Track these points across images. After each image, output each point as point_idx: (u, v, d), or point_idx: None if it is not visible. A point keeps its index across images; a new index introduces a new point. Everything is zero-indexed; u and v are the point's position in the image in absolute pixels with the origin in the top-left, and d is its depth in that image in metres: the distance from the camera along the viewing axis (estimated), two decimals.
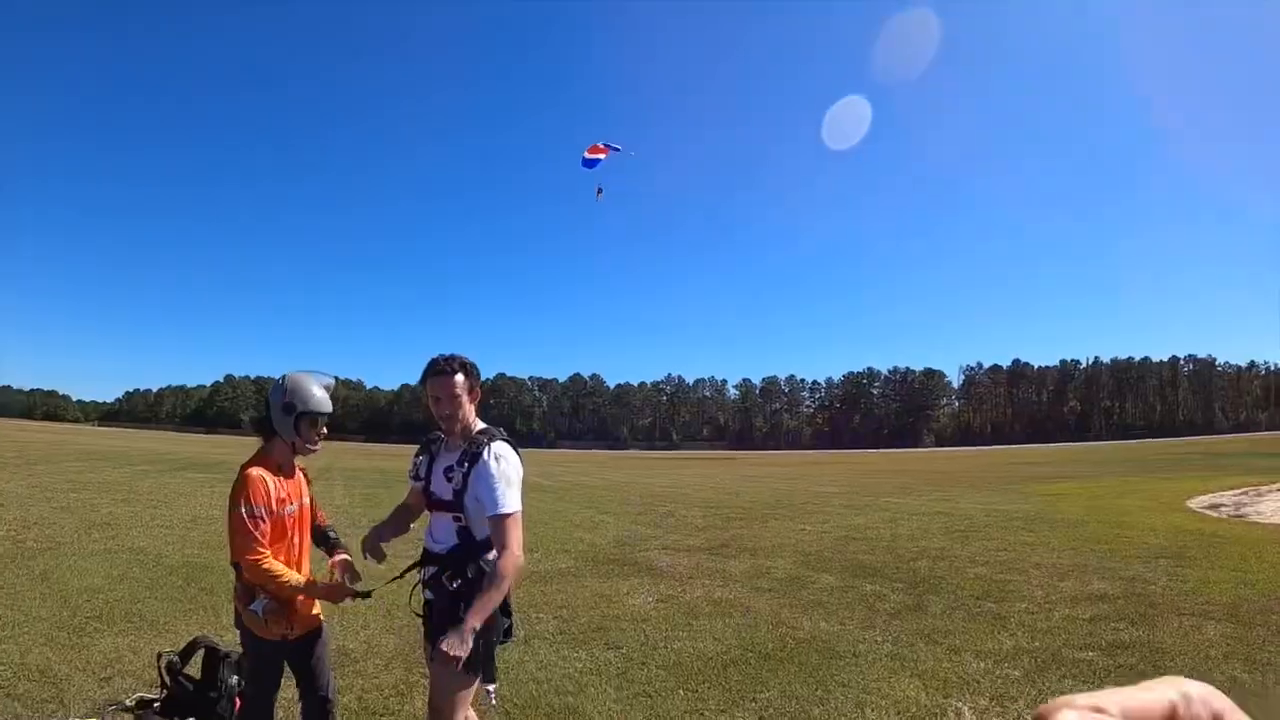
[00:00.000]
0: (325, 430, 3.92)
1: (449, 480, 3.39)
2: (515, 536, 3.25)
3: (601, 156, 23.16)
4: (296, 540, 3.85)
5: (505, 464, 3.37)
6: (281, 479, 3.75)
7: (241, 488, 3.59)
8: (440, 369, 3.43)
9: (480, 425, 3.53)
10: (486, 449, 3.37)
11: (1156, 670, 5.73)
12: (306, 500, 3.99)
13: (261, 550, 3.54)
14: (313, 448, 3.87)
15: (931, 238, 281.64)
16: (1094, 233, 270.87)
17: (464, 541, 3.40)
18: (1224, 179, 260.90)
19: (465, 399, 3.46)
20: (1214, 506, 16.49)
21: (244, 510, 3.52)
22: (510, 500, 3.29)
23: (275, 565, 3.57)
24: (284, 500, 3.71)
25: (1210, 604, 7.53)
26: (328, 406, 3.88)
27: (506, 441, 3.48)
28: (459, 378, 3.44)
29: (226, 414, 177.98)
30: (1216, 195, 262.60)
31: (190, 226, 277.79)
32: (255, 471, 3.65)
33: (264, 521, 3.57)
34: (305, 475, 4.08)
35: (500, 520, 3.26)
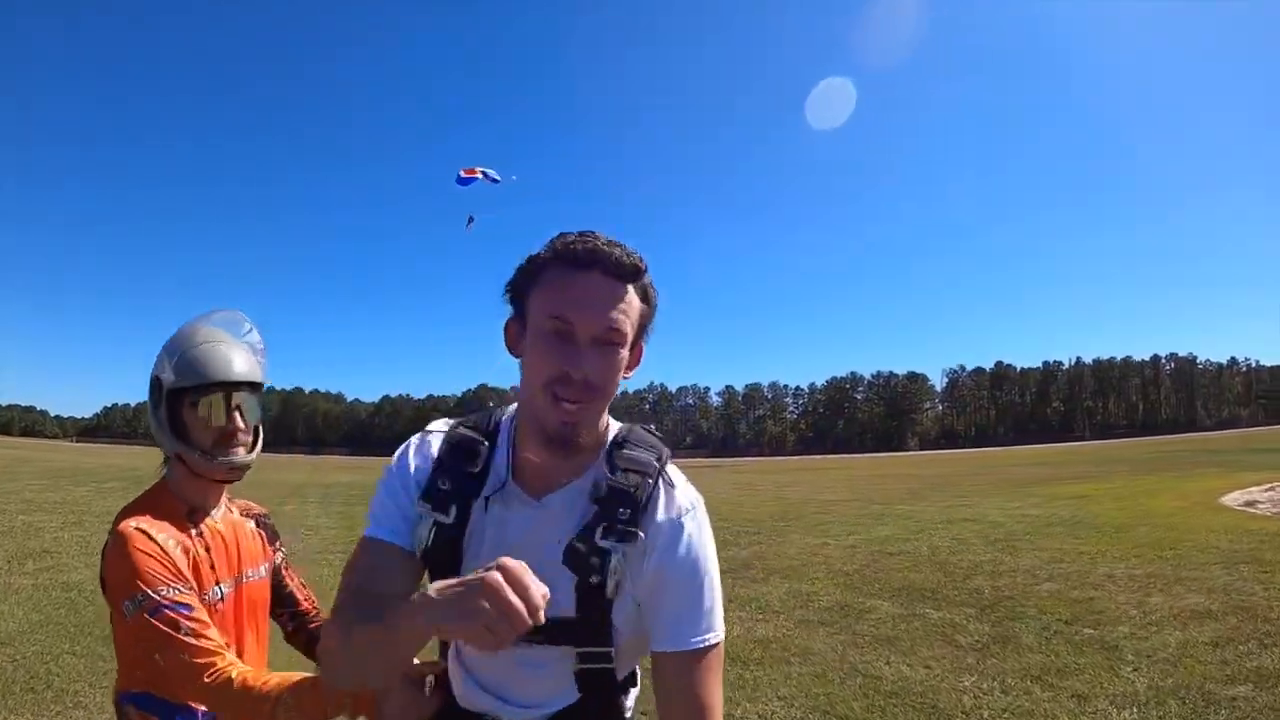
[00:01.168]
0: (246, 419, 2.08)
1: (565, 569, 1.51)
2: (717, 693, 1.53)
3: (477, 178, 22.13)
4: (233, 649, 1.99)
5: (707, 526, 1.61)
6: (194, 536, 2.01)
7: (119, 564, 1.84)
8: (606, 258, 1.43)
9: (614, 426, 1.65)
10: (661, 489, 1.58)
11: None
12: (262, 571, 2.20)
13: (215, 657, 1.83)
14: (227, 459, 2.02)
15: (912, 241, 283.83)
16: (1074, 234, 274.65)
17: (588, 697, 1.62)
18: (1202, 177, 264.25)
19: (626, 355, 1.51)
20: (1250, 504, 15.72)
21: (141, 606, 1.79)
22: (720, 611, 1.57)
23: (260, 676, 1.85)
24: (204, 576, 1.97)
25: None
26: (230, 370, 2.04)
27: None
28: (633, 295, 1.48)
29: None
30: (1195, 194, 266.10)
31: (168, 240, 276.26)
32: (134, 527, 1.89)
33: (188, 609, 1.84)
34: (263, 526, 2.31)
35: (706, 658, 1.51)
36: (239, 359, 2.08)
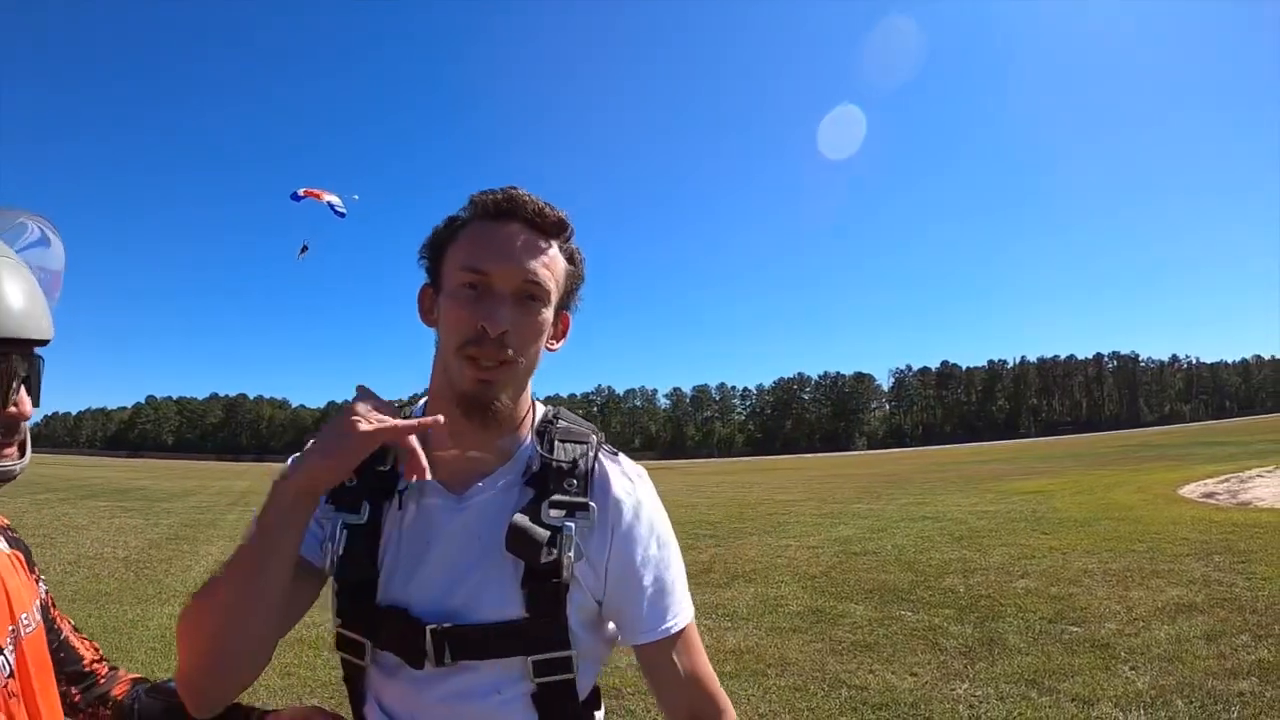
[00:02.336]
0: (27, 399, 1.24)
1: (504, 563, 1.31)
2: (709, 671, 1.41)
3: (316, 198, 21.45)
4: None
5: (656, 493, 1.45)
6: None
7: None
8: (526, 208, 1.30)
9: (540, 408, 1.47)
10: (605, 459, 1.41)
11: None
12: (37, 616, 1.37)
13: None
14: None
15: (859, 243, 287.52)
16: (1017, 236, 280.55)
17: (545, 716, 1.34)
18: (1142, 181, 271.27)
19: (549, 317, 1.34)
20: (1209, 495, 15.89)
21: None
22: (686, 581, 1.44)
23: None
24: None
25: None
26: (7, 320, 1.17)
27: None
28: (556, 252, 1.35)
29: (149, 436, 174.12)
30: (1136, 197, 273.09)
31: (104, 245, 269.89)
32: None
33: None
34: (15, 544, 1.43)
35: (690, 634, 1.39)
36: (18, 296, 1.20)
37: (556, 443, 1.38)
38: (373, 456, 1.27)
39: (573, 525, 1.28)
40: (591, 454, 1.39)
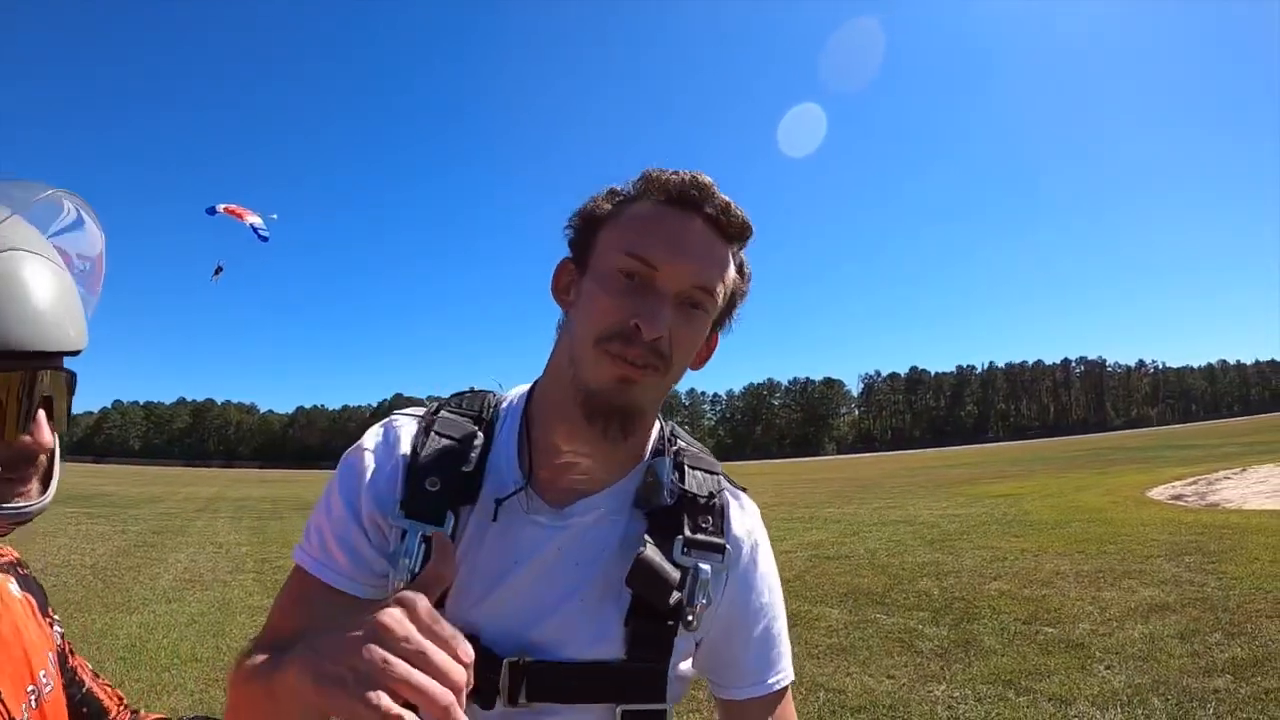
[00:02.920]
0: (55, 424, 1.01)
1: (609, 596, 1.13)
2: None
3: (237, 217, 20.68)
4: None
5: (769, 544, 1.30)
6: None
7: None
8: (716, 203, 1.10)
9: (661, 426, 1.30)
10: (734, 501, 1.25)
11: None
12: (53, 670, 1.18)
13: None
14: (14, 508, 0.97)
15: (829, 249, 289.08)
16: (985, 242, 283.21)
17: None
18: (1111, 188, 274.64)
19: (707, 329, 1.17)
20: (1177, 497, 16.03)
21: None
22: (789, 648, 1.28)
23: None
24: None
25: None
26: (42, 331, 0.93)
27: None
28: (730, 260, 1.15)
29: (116, 441, 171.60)
30: (1104, 204, 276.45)
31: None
32: None
33: None
34: (27, 585, 1.23)
35: (788, 697, 1.24)
36: (45, 297, 0.95)
37: (688, 470, 1.21)
38: (454, 456, 1.14)
39: (708, 569, 1.10)
40: (723, 486, 1.24)
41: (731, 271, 1.14)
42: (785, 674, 1.21)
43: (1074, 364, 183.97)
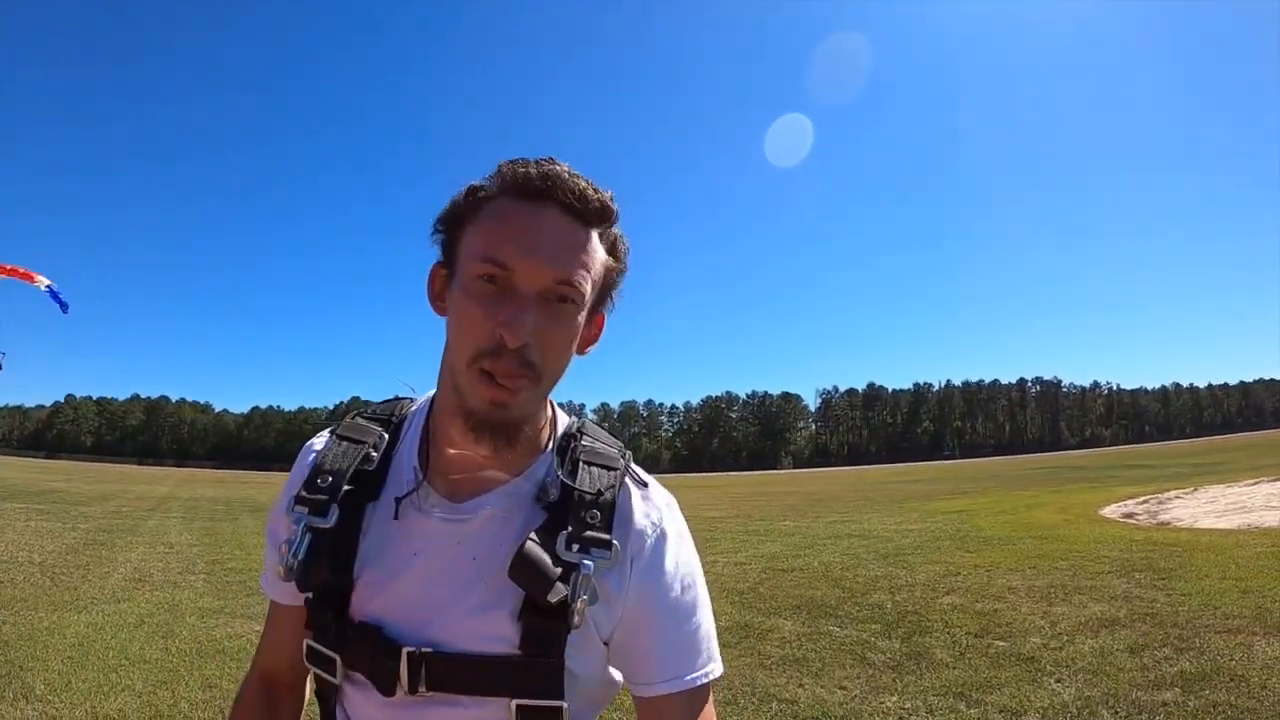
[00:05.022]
0: None
1: (503, 591, 1.11)
2: None
3: (24, 279, 18.81)
4: None
5: (688, 530, 1.29)
6: None
7: None
8: (567, 189, 1.07)
9: (563, 418, 1.31)
10: (632, 488, 1.22)
11: (1253, 702, 4.85)
12: None
13: None
14: None
15: (787, 265, 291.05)
16: (944, 262, 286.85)
17: None
18: (1065, 212, 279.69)
19: (582, 322, 1.15)
20: (1129, 515, 16.30)
21: None
22: (715, 635, 1.24)
23: None
24: None
25: (1235, 618, 6.78)
26: None
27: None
28: (596, 244, 1.13)
29: (68, 437, 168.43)
30: (1060, 227, 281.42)
31: (20, 235, 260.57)
32: None
33: None
34: None
35: (707, 695, 1.20)
36: None
37: (581, 466, 1.19)
38: (352, 456, 1.21)
39: (590, 564, 1.08)
40: (620, 480, 1.20)
41: (599, 255, 1.12)
42: (705, 671, 1.17)
43: (1030, 384, 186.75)
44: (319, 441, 1.29)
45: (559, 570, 1.06)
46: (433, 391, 1.26)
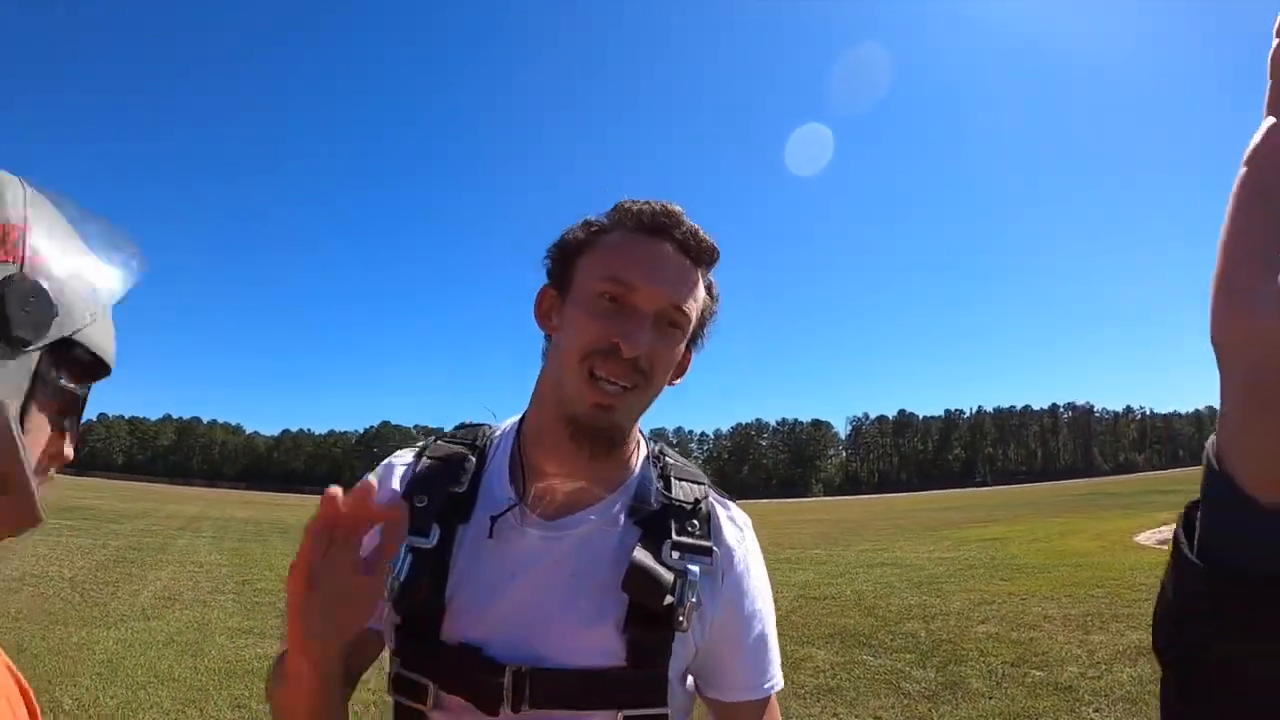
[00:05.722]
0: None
1: (608, 604, 1.14)
2: None
3: None
4: None
5: (761, 553, 1.32)
6: None
7: None
8: (684, 229, 1.18)
9: (642, 439, 1.35)
10: (717, 504, 1.28)
11: None
12: None
13: None
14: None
15: (816, 292, 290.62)
16: (972, 284, 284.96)
17: None
18: (1100, 235, 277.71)
19: (683, 348, 1.24)
20: (1164, 542, 15.94)
21: None
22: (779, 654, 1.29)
23: None
24: None
25: None
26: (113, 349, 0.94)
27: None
28: (700, 282, 1.23)
29: (99, 455, 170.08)
30: (1090, 248, 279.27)
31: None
32: None
33: None
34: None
35: (774, 704, 1.26)
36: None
37: (674, 480, 1.27)
38: (445, 474, 1.24)
39: (696, 570, 1.14)
40: (709, 494, 1.28)
41: (701, 292, 1.23)
42: (776, 680, 1.25)
43: (1062, 409, 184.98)
44: (403, 459, 1.31)
45: (670, 577, 1.12)
46: (517, 416, 1.33)
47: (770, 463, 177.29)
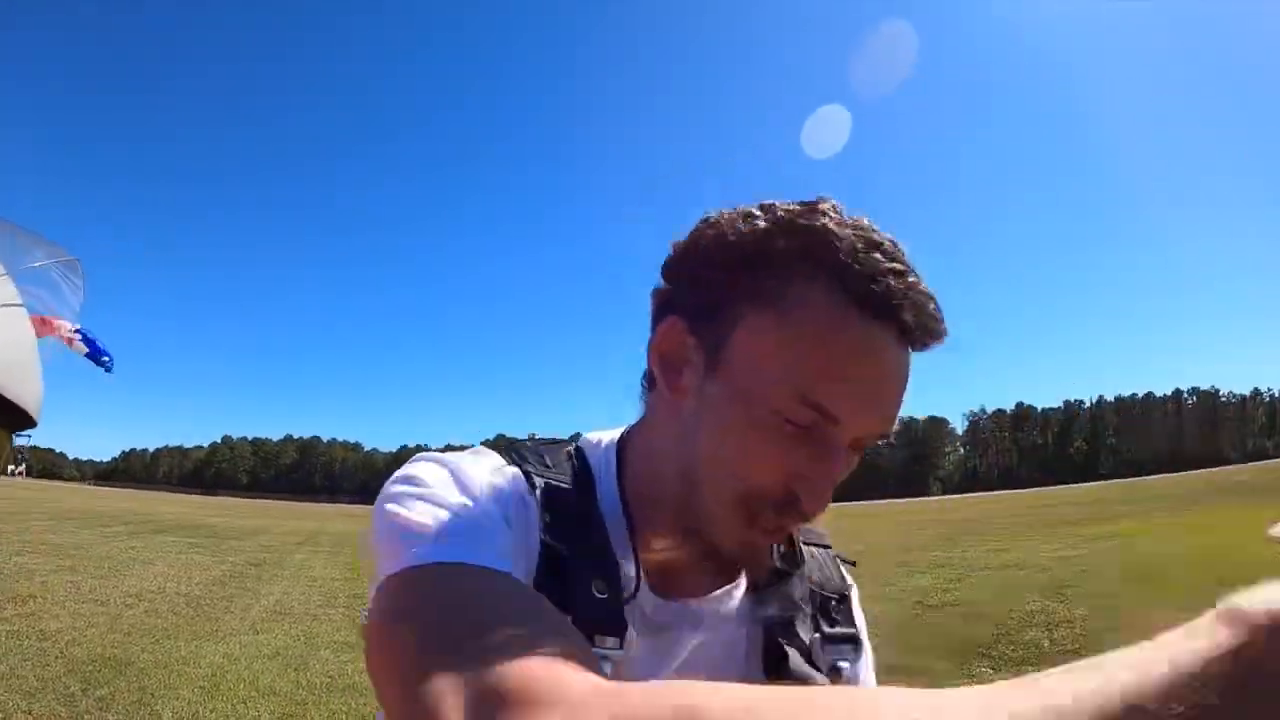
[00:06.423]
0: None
1: None
2: None
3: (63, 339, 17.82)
4: None
5: None
6: None
7: None
8: (921, 313, 0.79)
9: None
10: (850, 574, 1.09)
11: None
12: None
13: None
14: None
15: (928, 282, 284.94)
16: (1089, 272, 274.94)
17: None
18: (1213, 210, 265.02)
19: None
20: None
21: None
22: None
23: None
24: None
25: None
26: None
27: None
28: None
29: (225, 475, 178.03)
30: (1212, 228, 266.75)
31: (182, 288, 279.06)
32: None
33: None
34: None
35: None
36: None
37: (803, 548, 0.99)
38: (596, 544, 0.84)
39: (848, 666, 0.93)
40: (836, 562, 1.04)
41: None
42: None
43: (1186, 395, 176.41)
44: (519, 494, 0.85)
45: (825, 682, 0.90)
46: (607, 439, 0.97)
47: (887, 462, 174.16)
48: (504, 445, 0.93)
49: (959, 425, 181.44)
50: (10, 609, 9.20)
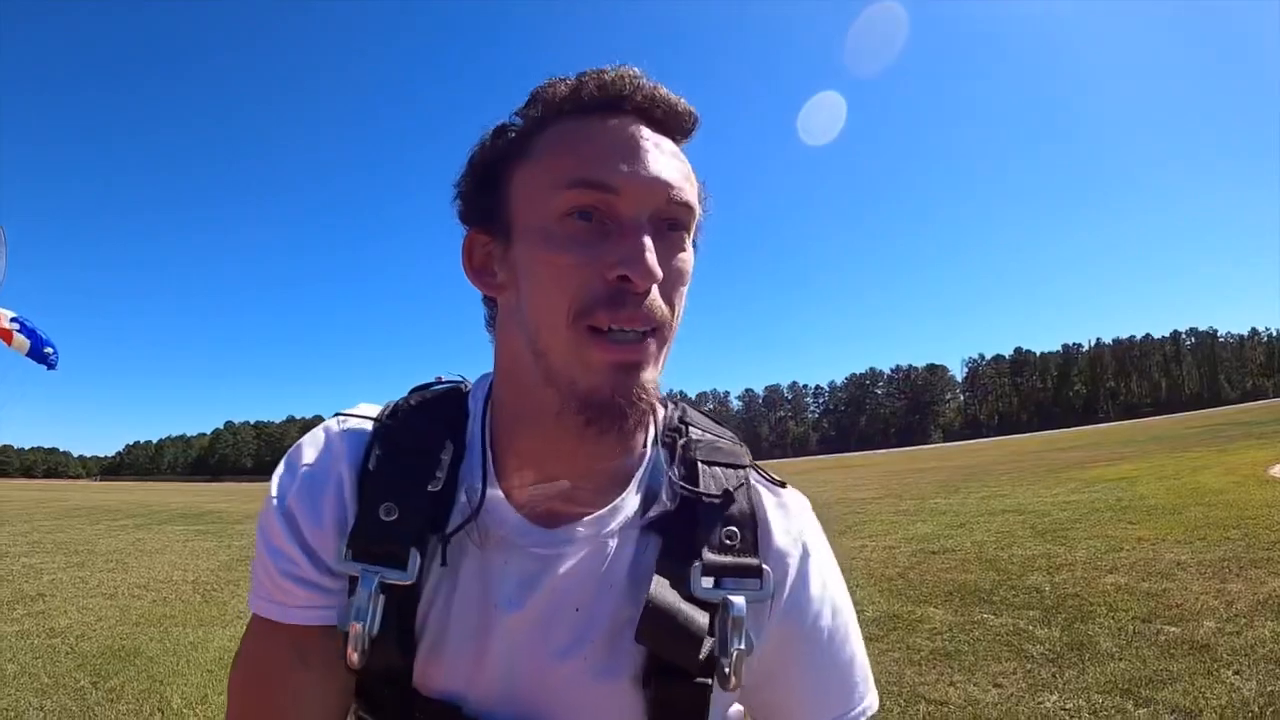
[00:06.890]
0: None
1: (625, 650, 0.83)
2: None
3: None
4: None
5: (828, 547, 0.97)
6: None
7: None
8: (646, 93, 0.81)
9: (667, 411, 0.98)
10: (764, 493, 0.93)
11: None
12: None
13: None
14: None
15: (925, 233, 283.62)
16: (1084, 216, 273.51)
17: None
18: (1209, 152, 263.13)
19: (692, 255, 0.85)
20: None
21: None
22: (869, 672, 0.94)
23: None
24: None
25: None
26: None
27: None
28: (687, 163, 0.84)
29: (229, 461, 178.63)
30: (1204, 168, 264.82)
31: (189, 282, 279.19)
32: None
33: None
34: None
35: None
36: None
37: (700, 467, 0.89)
38: (418, 469, 0.83)
39: (742, 602, 0.81)
40: (748, 482, 0.91)
41: (691, 172, 0.84)
42: (864, 707, 0.89)
43: (1184, 335, 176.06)
44: (353, 445, 0.88)
45: (705, 618, 0.79)
46: (480, 380, 0.96)
47: (887, 411, 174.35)
48: (419, 390, 0.96)
49: (958, 372, 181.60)
50: (20, 609, 9.18)
